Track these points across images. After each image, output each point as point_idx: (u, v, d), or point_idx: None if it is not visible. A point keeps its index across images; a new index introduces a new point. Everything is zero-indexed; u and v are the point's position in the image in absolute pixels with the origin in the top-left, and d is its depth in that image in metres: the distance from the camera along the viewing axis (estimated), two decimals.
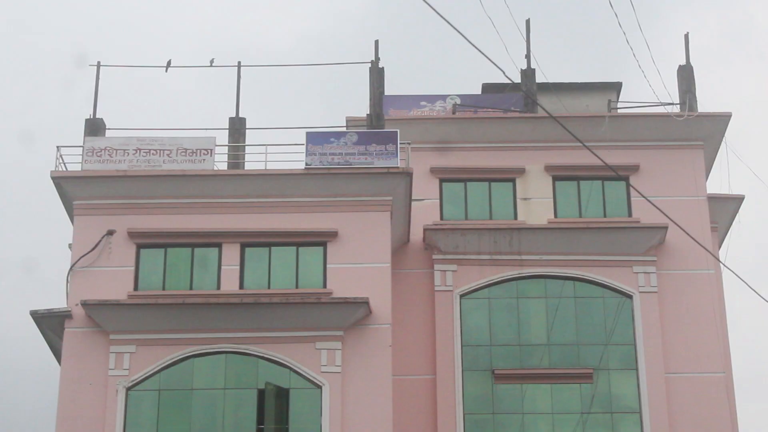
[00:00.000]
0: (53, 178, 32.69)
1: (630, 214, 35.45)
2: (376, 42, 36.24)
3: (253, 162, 34.01)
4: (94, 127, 34.20)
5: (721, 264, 35.60)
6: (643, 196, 26.38)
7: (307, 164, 32.83)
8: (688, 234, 26.74)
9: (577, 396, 33.49)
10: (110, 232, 32.40)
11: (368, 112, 35.34)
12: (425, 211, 35.32)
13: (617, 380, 33.64)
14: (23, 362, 70.79)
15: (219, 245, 32.59)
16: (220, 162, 33.87)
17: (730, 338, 35.32)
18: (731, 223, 37.34)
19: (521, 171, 36.02)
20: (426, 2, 17.97)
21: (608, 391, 33.50)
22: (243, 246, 32.60)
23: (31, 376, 69.87)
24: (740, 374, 35.62)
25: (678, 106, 36.47)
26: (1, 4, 77.00)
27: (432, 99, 37.42)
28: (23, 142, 76.92)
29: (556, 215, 35.55)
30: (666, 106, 36.45)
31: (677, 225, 26.28)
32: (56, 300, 33.53)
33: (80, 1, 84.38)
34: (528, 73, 37.22)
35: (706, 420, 33.19)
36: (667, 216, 26.29)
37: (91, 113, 34.62)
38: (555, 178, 36.00)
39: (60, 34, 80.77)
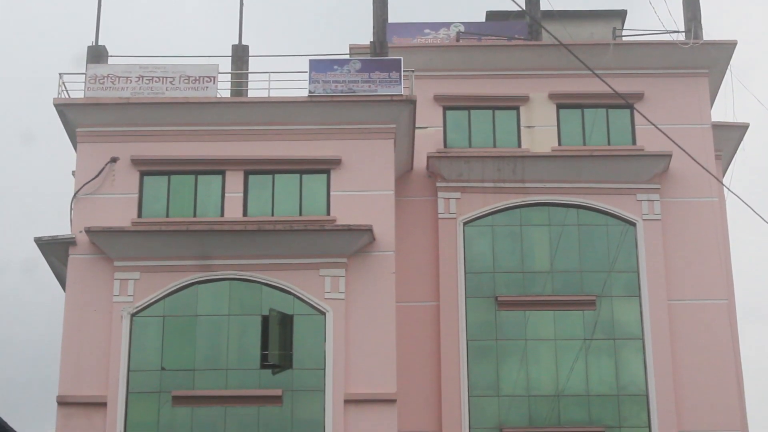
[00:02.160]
0: (56, 106, 32.62)
1: (634, 142, 35.40)
2: None
3: (256, 90, 34.02)
4: (97, 54, 34.04)
5: (724, 192, 35.64)
6: (650, 122, 26.27)
7: (310, 92, 32.75)
8: (693, 159, 26.70)
9: (579, 323, 33.64)
10: (113, 160, 32.41)
11: (372, 40, 35.18)
12: (429, 139, 35.27)
13: (620, 307, 33.78)
14: (29, 290, 71.16)
15: (222, 173, 32.59)
16: (223, 89, 33.86)
17: (733, 266, 35.43)
18: (735, 152, 37.30)
19: (525, 99, 35.92)
20: None
21: (611, 318, 33.66)
22: (246, 173, 32.60)
23: (37, 304, 70.27)
24: (742, 301, 35.78)
25: (683, 33, 36.25)
26: None
27: (436, 27, 37.23)
28: (25, 75, 76.82)
29: (559, 143, 35.50)
30: (671, 34, 36.25)
31: (684, 151, 26.21)
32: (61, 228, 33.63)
33: None
34: (533, 1, 37.00)
35: (707, 346, 33.36)
36: (673, 142, 26.12)
37: (94, 41, 34.48)
38: (559, 106, 35.92)
39: None
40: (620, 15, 38.03)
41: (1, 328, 68.86)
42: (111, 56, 34.15)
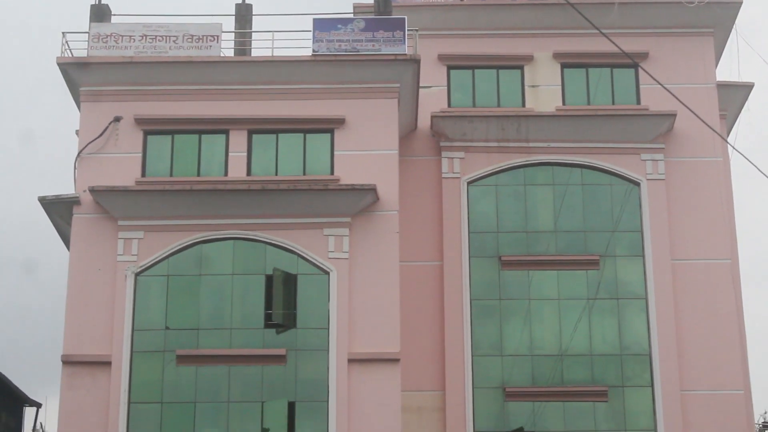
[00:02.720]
0: (59, 65, 32.56)
1: (638, 102, 35.32)
2: None
3: (259, 49, 33.85)
4: (100, 13, 33.90)
5: (729, 152, 35.59)
6: (656, 81, 26.20)
7: (314, 51, 32.65)
8: (699, 117, 26.58)
9: (583, 282, 33.68)
10: (117, 119, 32.38)
11: None
12: (433, 99, 35.22)
13: (624, 267, 33.81)
14: (33, 249, 71.24)
15: (226, 132, 32.56)
16: (227, 49, 33.75)
17: (737, 226, 35.41)
18: (740, 111, 37.22)
19: (529, 58, 35.83)
20: None
21: (614, 278, 33.70)
22: (250, 133, 32.58)
23: (42, 263, 70.40)
24: (746, 261, 35.80)
25: None
26: None
27: None
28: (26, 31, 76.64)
29: (564, 102, 35.43)
30: None
31: (689, 109, 26.15)
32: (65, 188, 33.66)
33: None
34: None
35: (711, 306, 33.42)
36: (678, 100, 26.14)
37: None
38: (563, 66, 35.82)
39: None
40: None
41: (4, 289, 69.06)
42: (114, 15, 34.00)
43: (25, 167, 78.24)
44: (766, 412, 55.97)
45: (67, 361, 30.69)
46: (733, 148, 26.72)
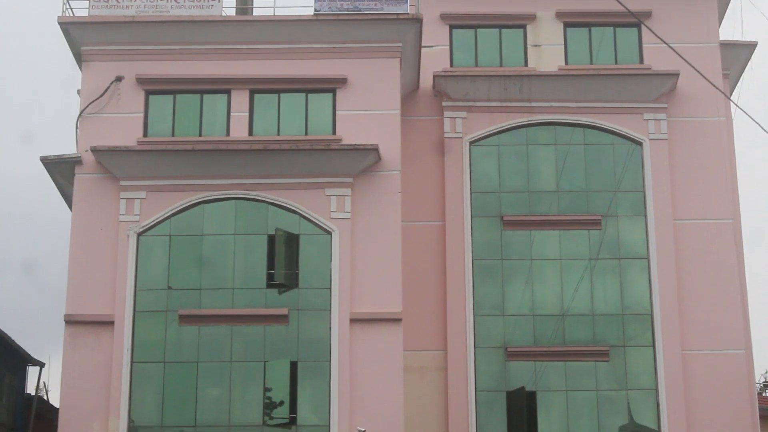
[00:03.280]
0: (60, 24, 32.47)
1: (641, 61, 35.21)
2: None
3: (261, 8, 33.77)
4: None
5: (731, 111, 35.50)
6: (660, 39, 26.08)
7: (316, 10, 32.55)
8: (702, 76, 26.53)
9: (585, 242, 33.68)
10: (119, 78, 32.32)
11: None
12: (435, 58, 35.10)
13: (625, 227, 33.81)
14: (36, 209, 71.29)
15: (228, 92, 32.50)
16: (228, 8, 33.67)
17: (740, 186, 35.39)
18: (743, 71, 37.08)
19: (532, 17, 35.69)
20: None
21: (616, 238, 33.69)
22: (252, 92, 32.52)
23: (44, 223, 70.44)
24: (748, 221, 35.78)
25: None
26: None
27: None
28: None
29: (566, 62, 35.31)
30: None
31: (693, 68, 26.08)
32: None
33: None
34: None
35: (713, 265, 33.44)
36: (682, 58, 26.07)
37: None
38: (566, 25, 35.69)
39: None
40: None
41: (7, 248, 69.10)
42: None
43: (27, 127, 78.20)
44: (767, 372, 56.33)
45: (70, 321, 30.78)
46: (737, 106, 26.58)
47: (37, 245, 72.78)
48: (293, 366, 30.56)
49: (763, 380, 55.39)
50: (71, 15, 32.66)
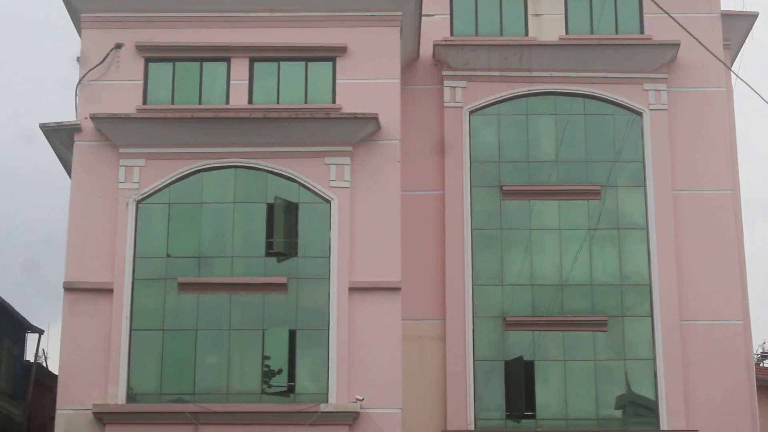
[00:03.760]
0: None
1: (642, 31, 35.11)
2: None
3: None
4: None
5: (732, 82, 35.42)
6: (660, 8, 26.02)
7: None
8: (703, 46, 26.44)
9: (584, 212, 33.70)
10: (118, 46, 32.23)
11: None
12: (435, 27, 35.00)
13: (625, 197, 33.81)
14: (35, 177, 71.29)
15: (228, 60, 32.42)
16: None
17: (739, 156, 35.35)
18: (744, 41, 36.98)
19: None
20: None
21: (615, 208, 33.70)
22: (252, 60, 32.44)
23: (44, 191, 70.45)
24: (748, 192, 35.77)
25: None
26: None
27: None
28: None
29: (567, 31, 35.20)
30: None
31: (694, 38, 25.99)
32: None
33: None
34: None
35: (712, 236, 33.46)
36: (684, 28, 26.01)
37: None
38: None
39: None
40: None
41: (7, 215, 69.17)
42: None
43: (26, 94, 78.10)
44: (765, 342, 56.46)
45: (69, 288, 30.81)
46: (738, 77, 26.52)
47: (36, 213, 72.86)
48: (292, 334, 30.62)
49: (761, 351, 55.52)
50: None
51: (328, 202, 31.22)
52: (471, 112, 34.38)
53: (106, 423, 29.84)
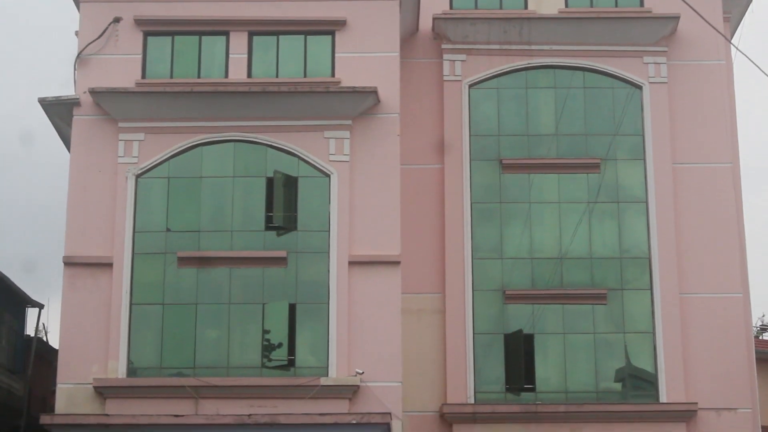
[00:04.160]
0: None
1: (641, 4, 35.01)
2: None
3: None
4: None
5: (731, 55, 35.35)
6: None
7: None
8: (703, 18, 26.38)
9: (584, 185, 33.68)
10: (117, 20, 32.14)
11: None
12: (434, 0, 34.88)
13: (624, 170, 33.80)
14: (35, 151, 71.24)
15: (226, 33, 32.34)
16: None
17: (739, 129, 35.32)
18: (744, 14, 36.88)
19: None
20: None
21: (615, 181, 33.69)
22: (251, 34, 32.37)
23: (44, 165, 70.41)
24: (747, 165, 35.74)
25: None
26: None
27: None
28: None
29: (566, 5, 35.07)
30: None
31: (694, 10, 25.91)
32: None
33: None
34: None
35: (711, 209, 33.46)
36: (684, 1, 25.92)
37: None
38: None
39: None
40: None
41: (6, 190, 69.15)
42: None
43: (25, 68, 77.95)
44: (764, 315, 56.56)
45: (69, 263, 30.82)
46: (737, 49, 26.42)
47: (35, 187, 72.82)
48: (292, 308, 30.66)
49: (760, 323, 55.62)
50: None
51: (328, 175, 31.21)
52: (470, 86, 34.32)
53: (107, 397, 29.90)
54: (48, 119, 32.81)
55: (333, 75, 31.93)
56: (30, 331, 40.69)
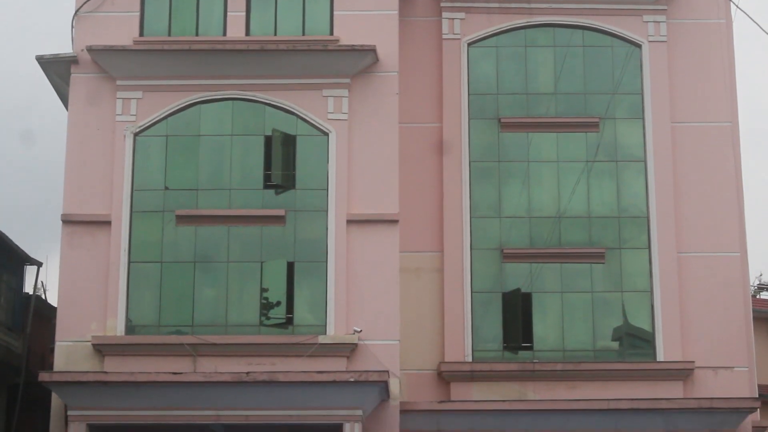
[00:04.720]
0: None
1: None
2: None
3: None
4: None
5: (731, 14, 35.21)
6: None
7: None
8: None
9: (582, 144, 33.64)
10: None
11: None
12: None
13: (623, 129, 33.74)
14: (33, 111, 71.14)
15: None
16: None
17: (738, 89, 35.20)
18: None
19: None
20: None
21: (614, 140, 33.64)
22: None
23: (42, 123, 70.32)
24: (746, 125, 35.64)
25: None
26: None
27: None
28: None
29: None
30: None
31: None
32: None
33: None
34: None
35: (710, 168, 33.43)
36: None
37: None
38: None
39: None
40: None
41: (4, 149, 69.09)
42: None
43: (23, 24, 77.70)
44: (761, 275, 56.69)
45: (67, 221, 30.85)
46: (738, 8, 26.38)
47: (33, 143, 72.75)
48: (290, 266, 30.70)
49: (758, 283, 55.77)
50: None
51: (326, 134, 31.17)
52: (469, 44, 34.20)
53: (105, 354, 30.00)
54: (46, 77, 32.71)
55: (332, 33, 31.83)
56: (29, 288, 40.77)
